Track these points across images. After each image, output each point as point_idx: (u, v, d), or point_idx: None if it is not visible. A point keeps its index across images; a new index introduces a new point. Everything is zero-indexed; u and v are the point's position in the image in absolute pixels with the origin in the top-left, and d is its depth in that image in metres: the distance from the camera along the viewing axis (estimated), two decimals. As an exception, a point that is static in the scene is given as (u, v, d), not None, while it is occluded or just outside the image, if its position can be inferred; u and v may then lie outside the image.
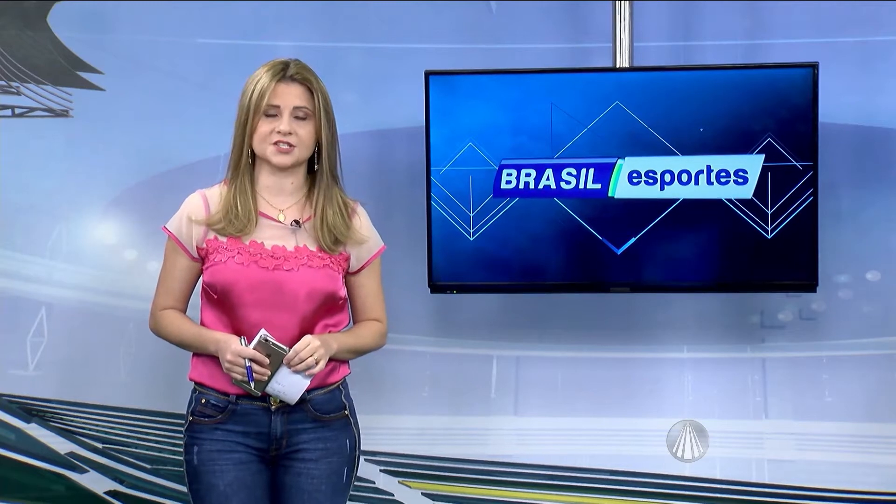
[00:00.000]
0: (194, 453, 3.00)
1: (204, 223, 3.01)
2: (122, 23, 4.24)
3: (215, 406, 2.99)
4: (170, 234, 3.06)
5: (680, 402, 4.17)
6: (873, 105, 4.05)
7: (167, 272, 3.09)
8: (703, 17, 4.12)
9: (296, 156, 3.03)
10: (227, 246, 2.99)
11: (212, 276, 3.00)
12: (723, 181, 3.77)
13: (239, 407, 2.98)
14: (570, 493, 4.19)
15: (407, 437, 4.24)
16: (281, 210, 3.05)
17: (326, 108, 3.06)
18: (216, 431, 2.98)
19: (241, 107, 3.03)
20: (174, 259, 3.07)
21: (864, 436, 4.08)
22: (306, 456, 3.02)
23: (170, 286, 3.08)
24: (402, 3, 4.17)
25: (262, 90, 2.99)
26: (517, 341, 4.21)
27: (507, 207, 3.86)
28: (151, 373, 4.19)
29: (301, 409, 3.00)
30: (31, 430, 4.31)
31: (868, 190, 4.06)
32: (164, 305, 3.09)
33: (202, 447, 2.99)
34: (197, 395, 3.03)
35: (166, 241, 3.10)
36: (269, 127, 3.00)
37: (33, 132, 4.27)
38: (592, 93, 3.82)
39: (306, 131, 3.02)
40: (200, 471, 2.99)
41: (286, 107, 3.00)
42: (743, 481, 4.13)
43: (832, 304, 4.09)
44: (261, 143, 3.01)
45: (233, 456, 2.98)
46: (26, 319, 4.29)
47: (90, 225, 4.32)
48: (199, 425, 3.00)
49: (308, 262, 3.01)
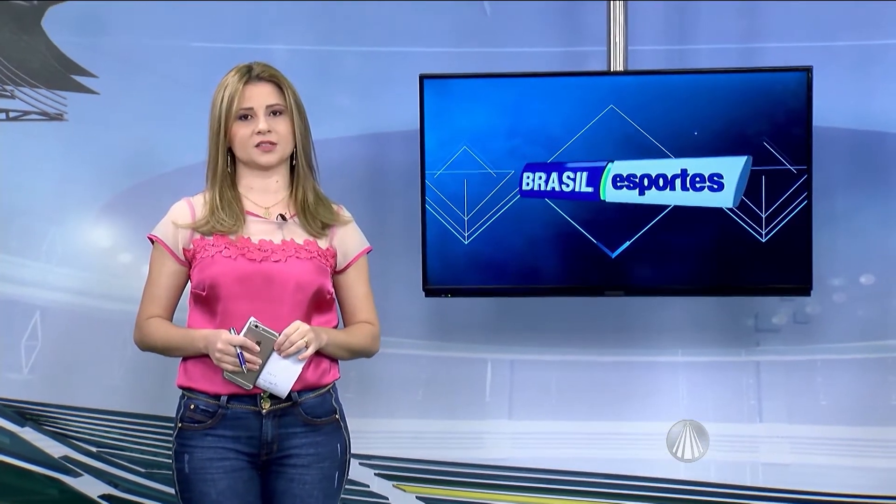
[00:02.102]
0: (185, 461, 2.96)
1: (190, 227, 3.00)
2: (116, 26, 4.24)
3: (205, 411, 2.96)
4: (156, 240, 3.03)
5: (674, 405, 4.17)
6: (867, 109, 4.05)
7: (152, 280, 3.05)
8: (698, 20, 4.13)
9: (279, 152, 3.02)
10: (214, 242, 2.98)
11: (200, 272, 2.98)
12: (713, 187, 3.78)
13: (229, 411, 2.95)
14: (564, 497, 4.18)
15: (401, 441, 4.24)
16: (266, 208, 3.04)
17: (297, 102, 3.05)
18: (206, 437, 2.95)
19: (214, 115, 3.02)
20: (160, 265, 3.03)
21: (858, 439, 4.08)
22: (298, 461, 3.00)
23: (155, 293, 3.04)
24: (397, 6, 4.17)
25: (231, 94, 2.98)
26: (512, 345, 4.21)
27: (502, 211, 3.86)
28: (146, 377, 4.18)
29: (292, 412, 2.98)
30: (25, 434, 4.30)
31: (862, 193, 4.06)
32: (150, 314, 3.04)
33: (193, 455, 2.95)
34: (185, 401, 2.99)
35: (152, 251, 3.07)
36: (248, 129, 2.99)
37: (28, 136, 4.27)
38: (587, 96, 3.82)
39: (284, 127, 3.01)
40: (192, 479, 2.96)
41: (259, 106, 3.00)
42: (737, 485, 4.13)
43: (826, 307, 4.09)
44: (242, 147, 3.00)
45: (224, 464, 2.95)
46: (20, 323, 4.28)
47: (84, 228, 4.32)
48: (189, 431, 2.96)
49: (296, 255, 3.00)
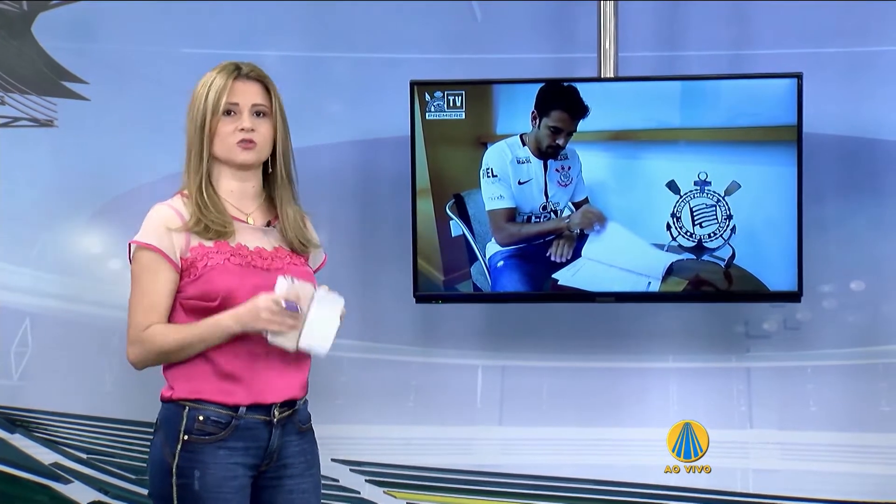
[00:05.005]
0: (195, 478, 2.83)
1: (184, 229, 2.87)
2: (106, 32, 4.24)
3: (217, 422, 2.85)
4: (150, 247, 2.87)
5: (665, 411, 4.17)
6: (857, 115, 4.06)
7: (148, 289, 2.87)
8: (689, 27, 4.14)
9: (258, 153, 2.94)
10: (217, 249, 2.87)
11: (207, 282, 2.86)
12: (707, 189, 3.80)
13: (242, 421, 2.86)
14: (554, 503, 4.19)
15: (392, 447, 4.23)
16: (247, 214, 2.99)
17: (281, 107, 2.99)
18: (219, 452, 2.84)
19: (196, 110, 2.91)
20: (155, 274, 2.86)
21: (848, 445, 4.09)
22: (293, 472, 2.96)
23: (154, 302, 2.86)
24: (388, 13, 4.18)
25: (218, 90, 2.90)
26: (502, 351, 4.21)
27: (492, 217, 3.88)
28: (136, 383, 4.15)
29: (292, 420, 2.94)
30: (15, 441, 4.29)
31: (852, 200, 4.07)
32: (149, 322, 2.86)
33: (206, 471, 2.83)
34: (190, 412, 2.85)
35: (139, 261, 2.89)
36: (231, 126, 2.91)
37: (18, 142, 4.27)
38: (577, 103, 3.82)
39: (266, 129, 2.95)
40: (204, 497, 2.83)
41: (245, 104, 2.93)
42: (728, 491, 4.13)
43: (817, 313, 4.10)
44: (222, 143, 2.91)
45: (234, 483, 2.86)
46: (10, 329, 4.27)
47: (75, 235, 4.31)
48: (200, 444, 2.84)
49: (291, 261, 2.97)
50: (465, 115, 3.85)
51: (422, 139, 3.85)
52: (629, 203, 3.84)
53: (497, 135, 3.85)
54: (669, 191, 3.80)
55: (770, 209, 3.78)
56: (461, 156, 3.87)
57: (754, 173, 3.77)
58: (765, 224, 3.79)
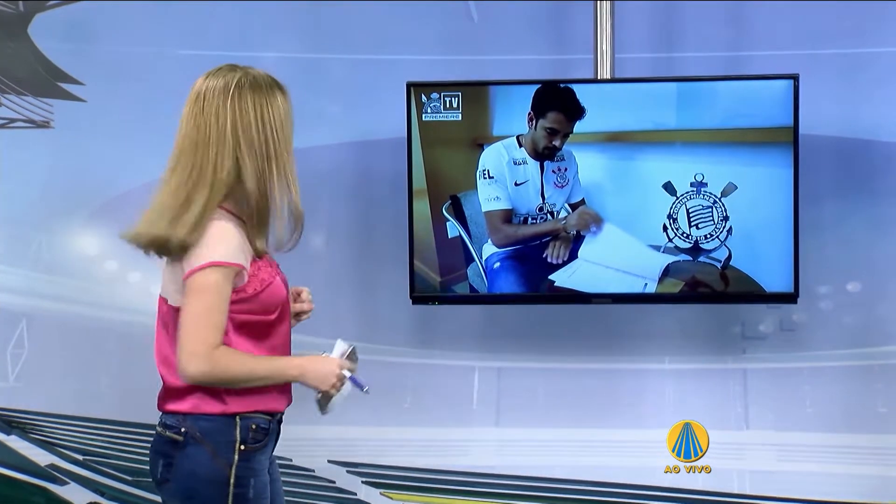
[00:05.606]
0: (250, 486, 2.84)
1: (251, 252, 2.83)
2: (103, 34, 4.24)
3: (264, 429, 2.87)
4: (234, 265, 2.78)
5: (662, 412, 4.17)
6: (854, 116, 4.07)
7: (218, 307, 2.78)
8: (685, 28, 4.14)
9: None
10: (264, 264, 2.85)
11: (271, 296, 2.85)
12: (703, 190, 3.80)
13: (275, 425, 2.91)
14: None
15: (388, 449, 4.24)
16: None
17: None
18: (262, 458, 2.88)
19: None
20: (225, 292, 2.79)
21: (844, 446, 4.09)
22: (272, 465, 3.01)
23: (219, 321, 2.78)
24: (385, 14, 4.18)
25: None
26: (499, 352, 4.22)
27: (489, 218, 3.88)
28: (132, 384, 4.16)
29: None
30: (11, 442, 4.29)
31: (849, 201, 4.08)
32: (218, 342, 2.78)
33: (258, 479, 2.87)
34: (243, 423, 2.84)
35: (215, 276, 2.77)
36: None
37: (14, 143, 4.27)
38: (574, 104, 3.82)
39: None
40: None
41: None
42: (724, 492, 4.14)
43: (813, 315, 4.10)
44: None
45: (268, 486, 2.92)
46: (6, 331, 4.27)
47: (71, 236, 4.31)
48: (253, 453, 2.85)
49: (278, 269, 2.98)
50: (461, 116, 3.85)
51: (418, 140, 3.85)
52: (625, 204, 3.84)
53: (493, 136, 3.85)
54: (666, 192, 3.81)
55: (766, 210, 3.78)
56: (458, 157, 3.87)
57: (751, 175, 3.77)
58: (761, 225, 3.79)
